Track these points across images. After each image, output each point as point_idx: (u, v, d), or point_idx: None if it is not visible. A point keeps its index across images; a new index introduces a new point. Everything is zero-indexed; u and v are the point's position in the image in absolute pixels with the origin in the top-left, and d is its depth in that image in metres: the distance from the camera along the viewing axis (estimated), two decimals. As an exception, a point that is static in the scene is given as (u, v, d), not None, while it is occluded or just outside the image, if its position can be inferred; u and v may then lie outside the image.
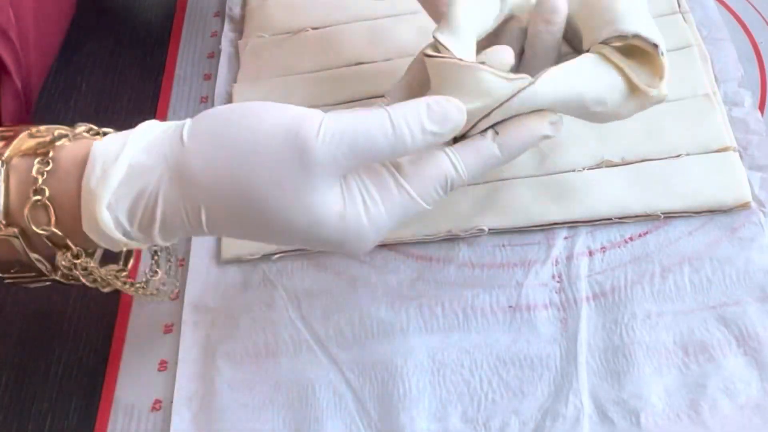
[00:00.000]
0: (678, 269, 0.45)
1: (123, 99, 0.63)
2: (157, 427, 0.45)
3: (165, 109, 0.60)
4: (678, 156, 0.49)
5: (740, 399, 0.41)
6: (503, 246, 0.48)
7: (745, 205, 0.47)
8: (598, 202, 0.48)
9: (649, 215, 0.47)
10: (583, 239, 0.48)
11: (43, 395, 0.47)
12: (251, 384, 0.45)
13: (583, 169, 0.50)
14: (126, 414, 0.45)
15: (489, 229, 0.48)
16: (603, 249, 0.47)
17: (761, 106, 0.52)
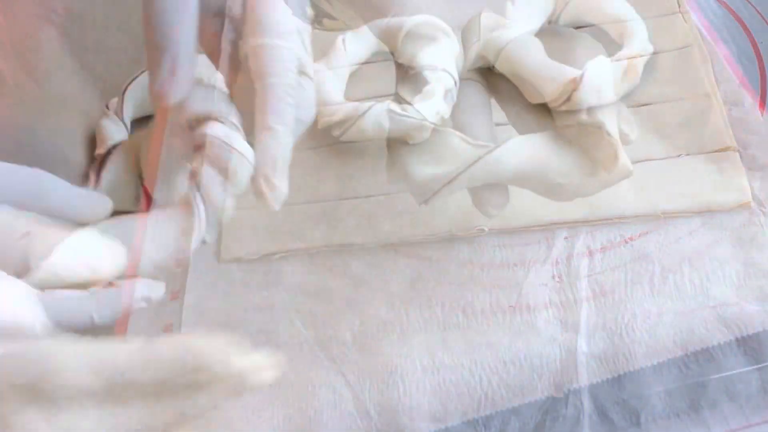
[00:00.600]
0: (678, 269, 0.45)
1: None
2: (157, 427, 0.45)
3: (165, 109, 0.60)
4: (678, 156, 0.49)
5: (740, 399, 0.41)
6: (503, 246, 0.48)
7: (745, 205, 0.47)
8: (598, 202, 0.48)
9: (649, 215, 0.48)
10: (583, 239, 0.48)
11: (43, 395, 0.47)
12: (251, 384, 0.45)
13: (583, 169, 0.50)
14: (126, 414, 0.45)
15: (489, 229, 0.48)
16: (603, 249, 0.47)
17: (761, 106, 0.52)
